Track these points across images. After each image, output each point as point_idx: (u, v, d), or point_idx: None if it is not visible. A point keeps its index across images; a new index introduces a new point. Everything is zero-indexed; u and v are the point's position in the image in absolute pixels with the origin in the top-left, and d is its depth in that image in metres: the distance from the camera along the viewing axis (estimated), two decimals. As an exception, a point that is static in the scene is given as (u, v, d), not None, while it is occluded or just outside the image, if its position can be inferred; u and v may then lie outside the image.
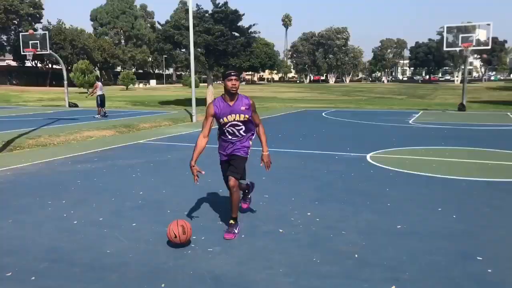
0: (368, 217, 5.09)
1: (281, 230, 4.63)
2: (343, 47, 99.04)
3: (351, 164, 8.40)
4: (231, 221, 4.53)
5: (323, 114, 21.12)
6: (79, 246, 4.19)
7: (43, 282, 3.42)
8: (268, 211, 5.32)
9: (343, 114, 20.75)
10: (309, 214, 5.20)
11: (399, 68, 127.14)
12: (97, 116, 18.26)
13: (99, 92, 18.61)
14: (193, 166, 4.40)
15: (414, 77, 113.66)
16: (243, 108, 4.40)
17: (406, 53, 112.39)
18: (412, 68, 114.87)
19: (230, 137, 4.54)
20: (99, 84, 19.10)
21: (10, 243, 4.26)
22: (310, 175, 7.41)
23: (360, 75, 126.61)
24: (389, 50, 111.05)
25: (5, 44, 55.31)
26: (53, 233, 4.55)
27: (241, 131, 4.52)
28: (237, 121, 4.42)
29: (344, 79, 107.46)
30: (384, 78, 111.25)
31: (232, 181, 4.46)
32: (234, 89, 4.31)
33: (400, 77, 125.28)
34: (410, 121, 17.16)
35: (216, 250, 4.10)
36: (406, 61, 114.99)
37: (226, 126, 4.46)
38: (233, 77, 4.27)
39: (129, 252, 4.05)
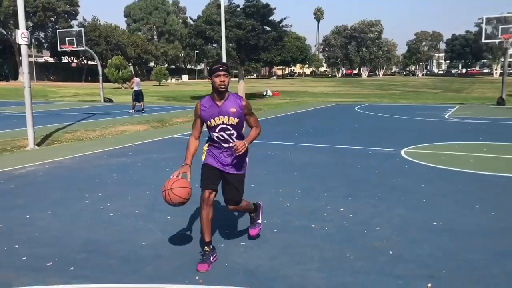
0: (402, 213, 5.00)
1: (313, 225, 4.61)
2: (376, 40, 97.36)
3: (385, 159, 8.26)
4: (206, 248, 3.69)
5: (355, 108, 20.85)
6: (115, 238, 4.28)
7: (81, 273, 3.51)
8: (300, 206, 5.30)
9: (376, 109, 20.43)
10: (342, 209, 5.15)
11: (434, 61, 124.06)
12: (131, 111, 18.53)
13: (135, 88, 18.70)
14: (187, 165, 3.62)
15: (451, 71, 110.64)
16: (233, 109, 3.64)
17: (442, 46, 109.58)
18: (448, 61, 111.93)
19: (221, 143, 3.75)
20: (136, 79, 19.23)
21: (49, 234, 4.40)
22: (343, 170, 7.33)
23: (394, 68, 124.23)
24: (424, 43, 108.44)
25: (43, 41, 56.96)
26: (90, 225, 4.67)
27: (233, 137, 3.72)
28: (227, 124, 3.66)
29: (377, 73, 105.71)
30: (418, 72, 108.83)
31: (232, 208, 3.94)
32: (223, 86, 3.57)
33: (435, 70, 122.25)
34: (446, 116, 16.74)
35: (248, 244, 4.11)
36: (442, 54, 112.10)
37: (215, 131, 3.69)
38: (221, 72, 3.54)
39: (164, 244, 4.11)
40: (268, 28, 26.21)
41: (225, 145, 3.75)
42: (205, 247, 3.68)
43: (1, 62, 56.01)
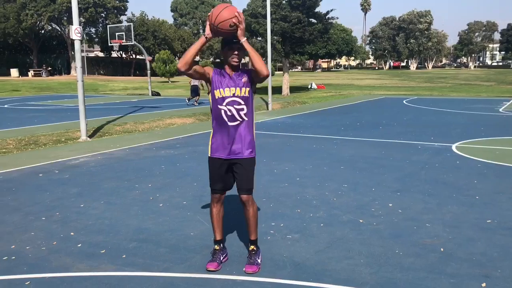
0: (454, 210, 4.84)
1: (361, 220, 4.54)
2: (425, 32, 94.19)
3: (435, 154, 8.01)
4: (252, 247, 3.54)
5: (404, 101, 20.31)
6: (165, 228, 4.39)
7: (133, 260, 3.63)
8: (347, 201, 5.23)
9: (426, 102, 19.82)
10: (390, 205, 5.04)
11: (487, 52, 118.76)
12: (187, 101, 19.83)
13: (192, 83, 19.79)
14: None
15: (507, 62, 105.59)
16: (244, 79, 3.34)
17: (497, 36, 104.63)
18: (503, 53, 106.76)
19: (227, 121, 3.32)
20: None
21: (102, 222, 4.56)
22: (391, 165, 7.17)
23: (444, 60, 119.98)
24: (477, 34, 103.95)
25: (94, 36, 58.88)
26: (140, 214, 4.81)
27: (242, 113, 3.34)
28: (237, 96, 3.31)
29: (426, 65, 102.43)
30: (471, 64, 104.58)
31: (245, 197, 3.46)
32: (236, 61, 3.30)
33: (488, 62, 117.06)
34: (501, 109, 16.02)
35: (295, 237, 4.11)
36: (497, 45, 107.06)
37: (223, 103, 3.31)
38: (235, 46, 3.25)
39: (211, 235, 4.16)
40: (313, 21, 25.90)
41: (232, 123, 3.33)
42: (215, 246, 3.57)
43: (55, 57, 58.40)
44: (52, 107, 18.89)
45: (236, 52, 3.27)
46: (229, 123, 3.33)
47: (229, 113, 3.32)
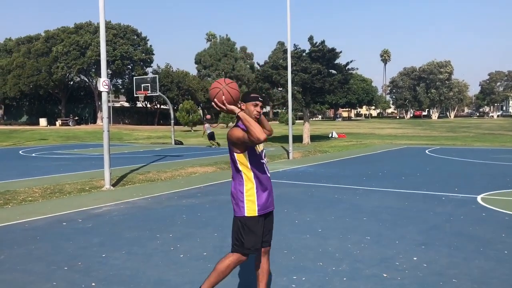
0: (482, 265, 4.69)
1: (385, 275, 4.43)
2: (446, 81, 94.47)
3: (460, 205, 7.85)
4: None
5: (426, 151, 20.12)
6: (185, 280, 4.36)
7: (153, 313, 3.59)
8: (370, 254, 5.12)
9: (449, 152, 19.60)
10: (415, 258, 4.91)
11: (510, 102, 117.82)
12: (212, 146, 23.92)
13: (208, 131, 24.15)
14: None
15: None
16: None
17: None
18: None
19: (268, 174, 3.44)
20: (206, 125, 24.88)
21: (123, 273, 4.56)
22: (415, 217, 7.04)
23: (466, 110, 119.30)
24: (498, 83, 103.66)
25: (120, 87, 60.91)
26: (161, 265, 4.80)
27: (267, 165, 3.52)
28: (264, 149, 3.49)
29: (448, 114, 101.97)
30: (494, 113, 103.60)
31: (266, 250, 3.51)
32: (258, 115, 3.41)
33: (511, 112, 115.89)
34: (527, 160, 15.69)
35: (317, 292, 4.02)
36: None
37: (262, 157, 3.41)
38: (260, 103, 3.40)
39: (231, 287, 4.12)
40: (333, 71, 26.35)
41: (269, 174, 3.47)
42: None
43: (82, 106, 60.35)
44: (78, 156, 19.33)
45: (259, 110, 3.39)
46: (268, 175, 3.44)
47: (267, 165, 3.45)
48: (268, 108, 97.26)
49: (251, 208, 3.30)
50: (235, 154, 3.31)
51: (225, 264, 3.42)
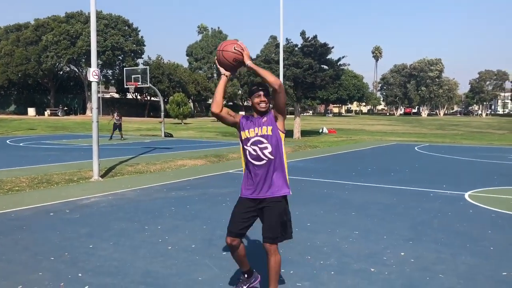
0: (468, 261, 4.73)
1: (372, 269, 4.45)
2: (436, 79, 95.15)
3: (447, 202, 7.91)
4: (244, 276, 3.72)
5: (415, 148, 20.26)
6: (173, 272, 4.34)
7: (140, 304, 3.57)
8: (358, 248, 5.14)
9: (437, 149, 19.74)
10: (402, 254, 4.94)
11: (499, 101, 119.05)
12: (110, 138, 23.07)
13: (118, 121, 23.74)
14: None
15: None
16: (265, 119, 3.44)
17: (508, 85, 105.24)
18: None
19: (252, 160, 3.42)
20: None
21: (111, 264, 4.53)
22: (403, 213, 7.08)
23: (455, 108, 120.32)
24: (488, 82, 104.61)
25: (110, 78, 60.41)
26: (149, 257, 4.77)
27: (266, 152, 3.40)
28: (261, 136, 3.40)
29: (437, 112, 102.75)
30: (483, 112, 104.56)
31: (268, 247, 3.41)
32: (263, 106, 3.41)
33: (500, 111, 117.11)
34: (514, 158, 15.86)
35: (305, 285, 4.03)
36: (508, 94, 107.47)
37: (248, 144, 3.44)
38: (261, 92, 3.39)
39: (219, 280, 4.11)
40: (325, 67, 26.38)
41: (258, 162, 3.41)
42: (241, 276, 3.74)
43: (72, 97, 59.79)
44: (66, 147, 19.16)
45: (262, 99, 3.40)
46: (255, 162, 3.42)
47: (253, 153, 3.42)
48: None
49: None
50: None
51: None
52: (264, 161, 3.39)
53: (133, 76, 28.06)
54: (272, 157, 3.40)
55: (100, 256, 4.77)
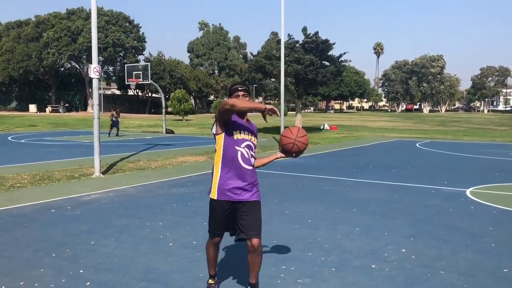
0: (469, 257, 4.73)
1: (373, 266, 4.45)
2: (438, 75, 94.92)
3: (449, 199, 7.91)
4: (210, 280, 3.73)
5: (417, 144, 20.24)
6: (174, 268, 4.35)
7: (141, 301, 3.58)
8: (359, 245, 5.15)
9: (439, 145, 19.72)
10: (403, 250, 4.95)
11: (501, 97, 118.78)
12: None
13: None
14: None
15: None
16: (255, 129, 3.54)
17: (510, 81, 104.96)
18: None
19: (242, 163, 3.38)
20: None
21: (112, 261, 4.54)
22: (404, 209, 7.08)
23: (457, 104, 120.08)
24: (490, 78, 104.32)
25: (111, 74, 60.41)
26: (150, 254, 4.78)
27: (251, 159, 3.46)
28: (252, 143, 3.44)
29: (439, 108, 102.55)
30: (485, 108, 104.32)
31: (256, 241, 3.39)
32: None
33: (502, 107, 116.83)
34: (515, 155, 15.84)
35: (306, 282, 4.03)
36: (510, 90, 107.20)
37: (241, 145, 3.36)
38: (241, 92, 3.38)
39: (220, 277, 4.11)
40: (326, 63, 26.33)
41: (246, 166, 3.39)
42: (210, 280, 3.73)
43: (73, 93, 59.81)
44: (68, 143, 19.18)
45: (241, 94, 3.40)
46: (244, 165, 3.39)
47: (246, 156, 3.40)
48: (260, 99, 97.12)
49: (214, 190, 3.48)
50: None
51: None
52: (250, 166, 3.43)
53: (134, 72, 28.06)
54: (253, 166, 3.49)
55: (101, 253, 4.78)
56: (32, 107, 51.68)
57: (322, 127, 33.70)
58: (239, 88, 3.40)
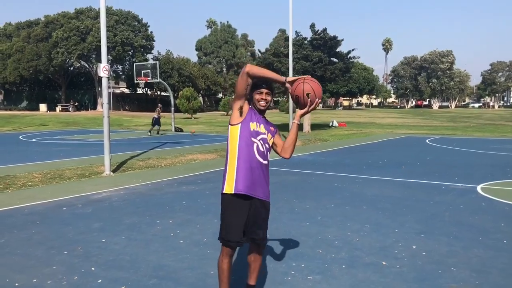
0: (481, 254, 4.70)
1: (384, 263, 4.44)
2: (447, 71, 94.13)
3: (459, 195, 7.85)
4: None
5: (427, 141, 20.11)
6: (184, 265, 4.37)
7: (152, 298, 3.60)
8: (370, 242, 5.13)
9: (449, 141, 19.58)
10: (414, 247, 4.93)
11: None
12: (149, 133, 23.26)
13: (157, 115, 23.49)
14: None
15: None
16: (272, 128, 3.31)
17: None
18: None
19: (258, 156, 3.16)
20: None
21: (123, 258, 4.57)
22: (415, 206, 7.04)
23: (467, 100, 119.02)
24: (500, 74, 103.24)
25: (120, 73, 60.71)
26: (160, 251, 4.81)
27: (267, 153, 3.25)
28: (267, 140, 3.23)
29: (449, 104, 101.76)
30: (495, 103, 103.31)
31: (264, 244, 3.36)
32: (264, 104, 3.22)
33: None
34: (527, 150, 15.68)
35: (316, 279, 4.03)
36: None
37: (256, 137, 3.16)
38: (264, 90, 3.20)
39: (232, 274, 4.12)
40: (335, 60, 26.24)
41: (263, 161, 3.18)
42: None
43: (82, 92, 60.19)
44: (78, 142, 19.32)
45: (264, 97, 3.21)
46: (260, 159, 3.16)
47: (261, 149, 3.16)
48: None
49: (230, 185, 3.17)
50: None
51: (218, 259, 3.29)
52: (266, 161, 3.22)
53: (143, 71, 28.16)
54: (268, 162, 3.26)
55: (112, 250, 4.82)
56: (43, 107, 52.06)
57: (331, 124, 33.59)
58: (264, 86, 3.19)
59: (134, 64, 31.55)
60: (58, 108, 52.29)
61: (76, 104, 54.70)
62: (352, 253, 4.75)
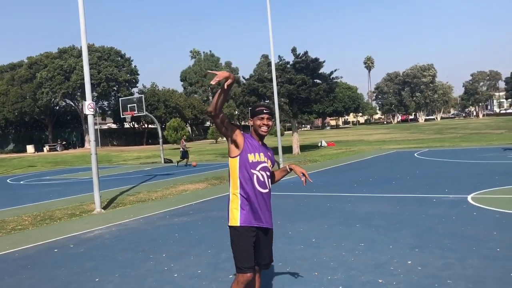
0: (475, 264, 4.71)
1: (380, 280, 4.43)
2: (430, 84, 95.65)
3: (451, 206, 7.90)
4: None
5: (415, 154, 20.27)
6: (180, 299, 4.31)
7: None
8: (365, 260, 5.12)
9: (437, 154, 19.76)
10: (409, 262, 4.92)
11: (494, 101, 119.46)
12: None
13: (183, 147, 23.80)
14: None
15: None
16: (271, 154, 3.37)
17: (501, 84, 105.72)
18: (510, 100, 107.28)
19: (258, 187, 3.23)
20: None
21: (118, 296, 4.50)
22: (407, 220, 7.06)
23: (452, 111, 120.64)
24: (481, 83, 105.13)
25: (106, 109, 60.75)
26: (155, 286, 4.74)
27: (268, 182, 3.32)
28: (267, 167, 3.28)
29: (435, 116, 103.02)
30: (480, 113, 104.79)
31: (270, 265, 3.46)
32: (265, 129, 3.26)
33: (497, 110, 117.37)
34: (514, 157, 15.87)
35: (314, 302, 4.00)
36: (502, 93, 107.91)
37: (256, 168, 3.21)
38: (265, 115, 3.24)
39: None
40: (318, 81, 26.58)
41: (263, 190, 3.24)
42: None
43: (69, 131, 59.98)
44: (67, 181, 19.15)
45: (265, 122, 3.24)
46: (260, 189, 3.22)
47: (261, 179, 3.22)
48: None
49: (235, 217, 3.22)
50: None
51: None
52: (267, 190, 3.28)
53: (129, 105, 28.18)
54: (270, 189, 3.33)
55: (106, 289, 4.74)
56: (30, 148, 51.70)
57: (319, 144, 33.77)
58: (264, 111, 3.24)
59: (120, 99, 31.59)
60: (46, 148, 51.95)
61: (64, 143, 54.44)
62: (348, 273, 4.73)
